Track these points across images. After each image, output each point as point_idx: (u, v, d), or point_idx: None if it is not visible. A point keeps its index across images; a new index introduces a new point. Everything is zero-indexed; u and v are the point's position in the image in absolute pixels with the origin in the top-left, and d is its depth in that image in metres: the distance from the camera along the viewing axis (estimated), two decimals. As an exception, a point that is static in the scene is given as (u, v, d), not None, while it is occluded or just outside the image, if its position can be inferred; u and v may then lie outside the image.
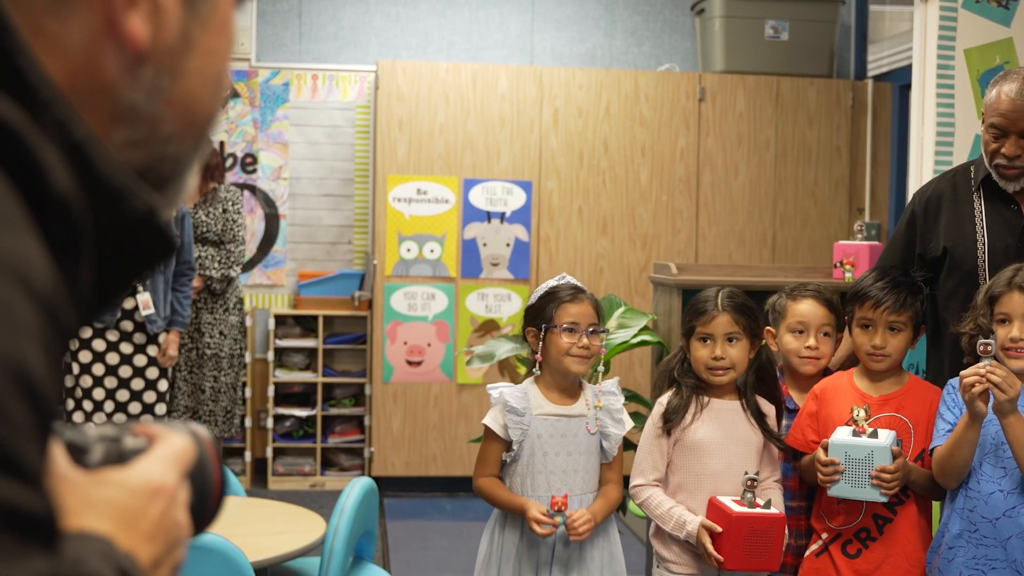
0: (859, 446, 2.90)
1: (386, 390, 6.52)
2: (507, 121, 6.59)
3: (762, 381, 3.16)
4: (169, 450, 0.84)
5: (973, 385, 2.70)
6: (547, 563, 3.03)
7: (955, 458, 2.85)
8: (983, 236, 3.24)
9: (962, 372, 2.76)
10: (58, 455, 0.78)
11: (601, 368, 3.17)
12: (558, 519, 2.96)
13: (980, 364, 2.72)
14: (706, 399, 3.13)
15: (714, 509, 2.98)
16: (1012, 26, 4.38)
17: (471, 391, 6.57)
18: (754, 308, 3.16)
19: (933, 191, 3.41)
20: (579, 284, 3.15)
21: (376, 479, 6.21)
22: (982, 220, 3.26)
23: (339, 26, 7.13)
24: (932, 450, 2.95)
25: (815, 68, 6.88)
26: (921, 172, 4.35)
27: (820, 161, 6.82)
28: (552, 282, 3.18)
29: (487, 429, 3.11)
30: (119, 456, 0.82)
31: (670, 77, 6.75)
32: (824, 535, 3.09)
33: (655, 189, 6.69)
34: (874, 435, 2.92)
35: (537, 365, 3.14)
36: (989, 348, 2.70)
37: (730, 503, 2.95)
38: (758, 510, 2.92)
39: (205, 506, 0.89)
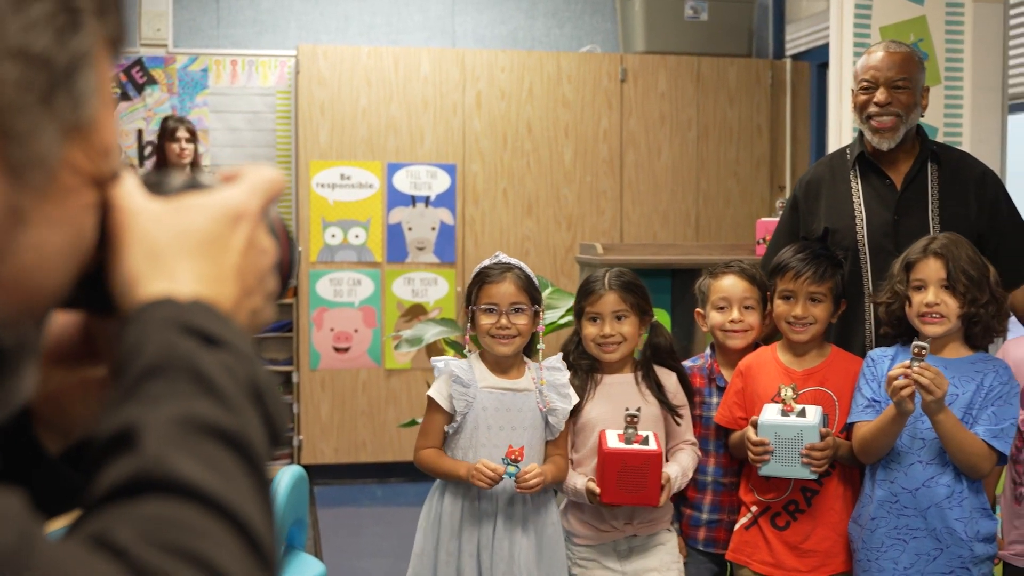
0: (788, 426, 2.93)
1: (314, 377, 6.48)
2: (430, 104, 6.56)
3: (659, 355, 3.20)
4: (252, 178, 0.80)
5: (903, 387, 2.74)
6: (489, 533, 3.02)
7: (877, 443, 2.90)
8: (861, 213, 3.31)
9: (890, 372, 2.80)
10: (133, 190, 0.75)
11: (541, 346, 3.16)
12: (510, 469, 2.95)
13: (909, 363, 2.75)
14: (599, 376, 3.18)
15: (599, 442, 3.03)
16: (926, 5, 4.45)
17: (400, 376, 6.55)
18: (643, 287, 3.21)
19: (812, 175, 3.50)
20: (511, 262, 3.14)
21: (305, 467, 6.15)
22: (859, 198, 3.33)
23: (258, 10, 7.04)
24: (850, 425, 3.00)
25: (734, 48, 6.94)
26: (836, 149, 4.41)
27: (741, 140, 6.89)
28: (485, 262, 3.19)
29: (430, 400, 3.10)
30: (199, 185, 0.79)
31: (592, 58, 6.77)
32: (754, 508, 3.13)
33: (579, 170, 6.70)
34: (802, 413, 2.96)
35: (467, 344, 3.16)
36: (923, 352, 2.73)
37: (612, 437, 2.99)
38: (635, 446, 2.96)
39: (281, 260, 0.84)
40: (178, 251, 0.73)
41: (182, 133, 6.20)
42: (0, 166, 0.65)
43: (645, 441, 2.99)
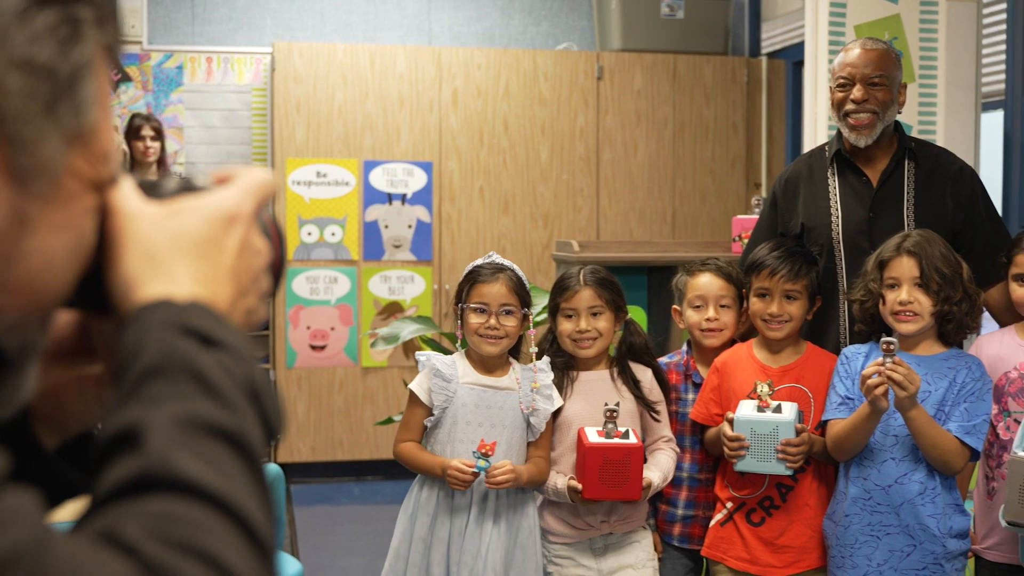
0: (764, 421, 2.95)
1: (290, 375, 6.46)
2: (406, 102, 6.55)
3: (634, 352, 3.21)
4: (244, 180, 0.82)
5: (877, 385, 2.75)
6: (460, 530, 3.02)
7: (851, 441, 2.91)
8: (837, 210, 3.33)
9: (864, 371, 2.81)
10: (131, 193, 0.78)
11: (533, 349, 3.16)
12: (480, 463, 2.95)
13: (881, 361, 2.76)
14: (575, 373, 3.18)
15: (578, 439, 3.04)
16: (900, 3, 4.47)
17: (376, 374, 6.54)
18: (617, 283, 3.22)
19: (791, 172, 3.51)
20: (503, 263, 3.15)
21: (282, 465, 6.14)
22: (836, 195, 3.35)
23: (233, 8, 7.02)
24: (825, 422, 3.01)
25: (710, 46, 6.96)
26: (815, 147, 4.43)
27: (717, 137, 6.90)
28: (478, 261, 3.19)
29: (411, 394, 3.11)
30: (193, 188, 0.81)
31: (568, 56, 6.77)
32: (729, 504, 3.14)
33: (556, 168, 6.71)
34: (778, 409, 2.97)
35: (459, 339, 3.17)
36: (892, 347, 2.75)
37: (592, 433, 3.00)
38: (616, 440, 2.97)
39: (274, 260, 0.86)
40: (175, 253, 0.75)
41: (147, 131, 6.15)
42: (6, 174, 0.67)
43: (625, 435, 3.00)
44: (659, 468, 3.11)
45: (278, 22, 7.07)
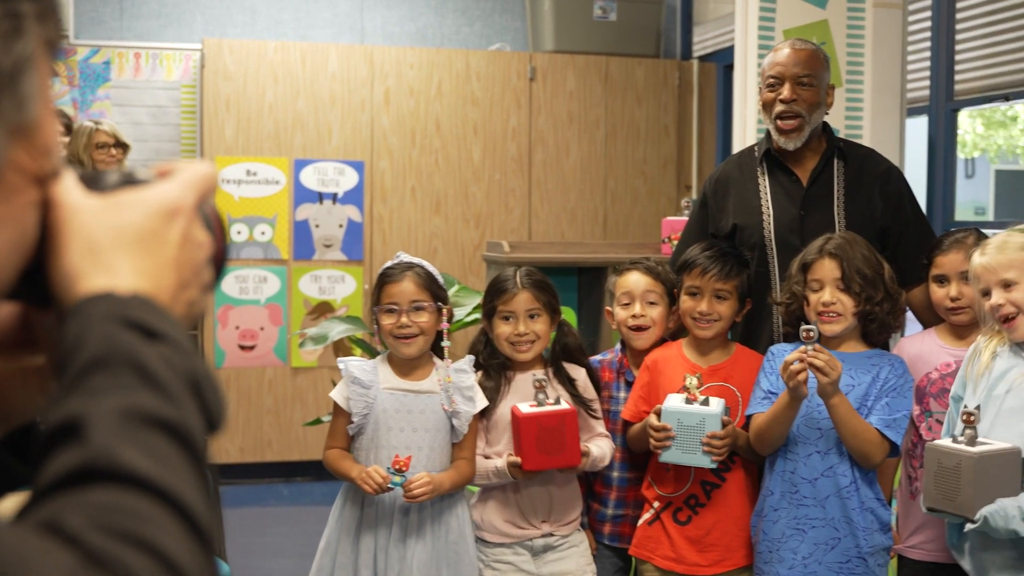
0: (691, 413, 2.96)
1: (218, 375, 6.38)
2: (338, 101, 6.51)
3: (568, 353, 3.22)
4: (187, 173, 0.83)
5: (799, 371, 2.79)
6: (387, 531, 3.01)
7: (772, 431, 2.94)
8: (768, 209, 3.37)
9: (786, 357, 2.85)
10: (72, 187, 0.78)
11: (446, 343, 3.15)
12: (396, 479, 2.94)
13: (802, 348, 2.80)
14: (511, 374, 3.19)
15: (512, 416, 3.05)
16: (828, 8, 4.53)
17: (306, 374, 6.50)
18: (552, 285, 3.24)
19: (721, 173, 3.54)
20: (411, 261, 3.14)
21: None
22: (767, 194, 3.39)
23: (162, 3, 6.93)
24: (750, 416, 3.04)
25: (643, 48, 7.00)
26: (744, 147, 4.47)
27: (649, 139, 6.95)
28: (388, 263, 3.18)
29: (334, 402, 3.09)
30: (135, 181, 0.81)
31: (501, 56, 6.77)
32: (656, 504, 3.16)
33: (488, 168, 6.71)
34: (705, 403, 2.99)
35: (378, 345, 3.16)
36: (811, 334, 2.79)
37: (524, 407, 3.01)
38: (547, 407, 2.98)
39: (216, 252, 0.87)
40: (116, 246, 0.76)
41: (57, 127, 6.01)
42: None
43: (557, 401, 3.01)
44: (596, 446, 3.12)
45: (208, 18, 6.99)
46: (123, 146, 5.76)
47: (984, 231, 3.22)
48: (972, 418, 2.67)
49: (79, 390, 0.68)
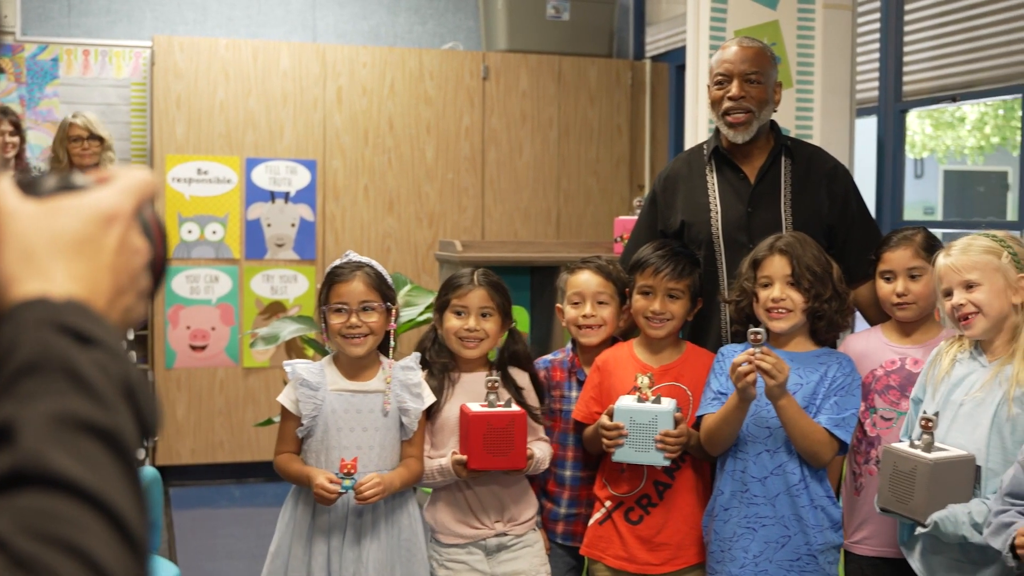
0: (643, 411, 2.97)
1: (169, 376, 6.34)
2: (290, 99, 6.47)
3: (516, 360, 3.23)
4: (125, 179, 0.82)
5: (747, 373, 2.80)
6: (340, 534, 3.00)
7: (722, 432, 2.96)
8: (716, 206, 3.39)
9: (735, 359, 2.87)
10: (8, 191, 0.77)
11: (393, 344, 3.14)
12: (346, 483, 2.93)
13: (751, 350, 2.82)
14: (456, 375, 3.18)
15: (460, 414, 3.05)
16: (778, 9, 4.56)
17: (258, 375, 6.45)
18: (507, 290, 3.24)
19: (670, 171, 3.57)
20: (361, 260, 3.12)
21: (160, 468, 6.03)
22: (715, 192, 3.41)
23: (111, -1, 6.86)
24: (700, 417, 3.06)
25: (596, 48, 7.01)
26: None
27: (601, 139, 6.96)
28: (336, 261, 3.16)
29: (282, 406, 3.07)
30: (73, 186, 0.80)
31: (454, 55, 6.76)
32: (608, 503, 3.16)
33: (441, 167, 6.70)
34: (657, 401, 3.00)
35: (327, 344, 3.14)
36: (759, 336, 2.81)
37: (474, 407, 3.02)
38: (498, 408, 2.99)
39: (155, 258, 0.86)
40: (52, 252, 0.75)
41: (5, 126, 5.92)
42: None
43: (508, 404, 3.01)
44: (539, 448, 3.14)
45: (158, 15, 6.92)
46: (98, 139, 5.72)
47: (932, 230, 3.27)
48: (930, 424, 2.70)
49: (11, 395, 0.68)
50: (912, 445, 2.73)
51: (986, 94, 4.84)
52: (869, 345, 3.20)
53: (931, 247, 3.12)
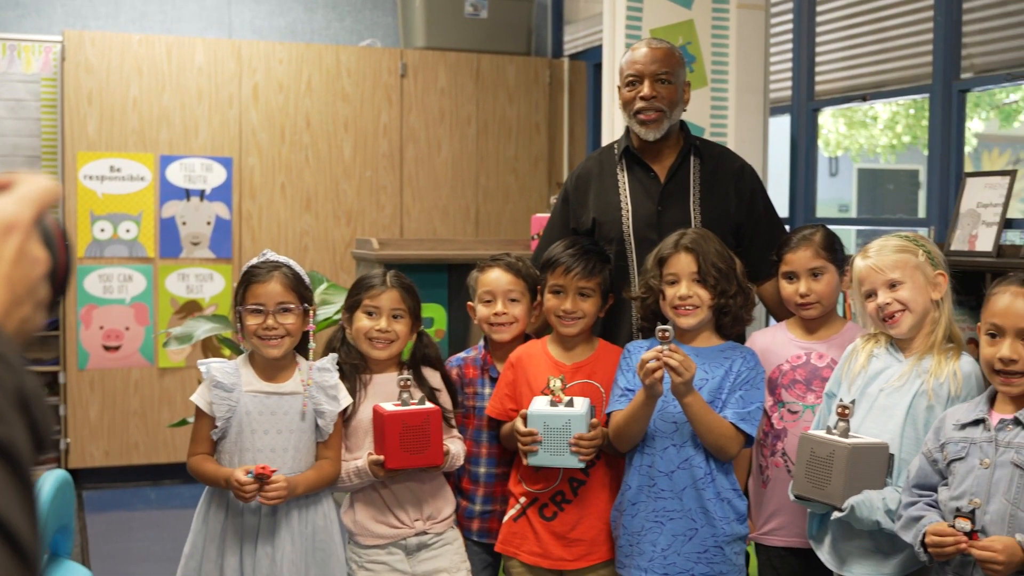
0: (556, 416, 2.98)
1: (82, 377, 6.22)
2: (205, 96, 6.39)
3: (427, 362, 3.23)
4: (23, 189, 0.80)
5: (654, 369, 2.83)
6: (253, 536, 2.97)
7: (630, 429, 2.99)
8: (627, 205, 3.43)
9: (643, 356, 2.89)
10: None
11: (312, 345, 3.11)
12: (256, 484, 2.90)
13: (658, 347, 2.85)
14: (368, 376, 3.17)
15: (374, 414, 3.04)
16: (693, 8, 4.60)
17: (174, 375, 6.37)
18: (417, 293, 3.25)
19: (582, 169, 3.60)
20: (278, 260, 3.09)
21: (74, 471, 5.92)
22: (625, 190, 3.46)
23: (20, -7, 6.71)
24: (609, 414, 3.08)
25: (514, 46, 7.03)
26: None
27: (520, 137, 6.98)
28: (253, 260, 3.12)
29: (196, 406, 3.02)
30: None
31: (372, 53, 6.73)
32: (522, 499, 3.17)
33: (359, 165, 6.66)
34: (570, 404, 3.01)
35: (242, 344, 3.11)
36: (667, 334, 2.83)
37: (388, 406, 3.01)
38: (412, 406, 2.99)
39: (56, 267, 0.84)
40: None
41: None
42: None
43: (421, 401, 3.01)
44: (453, 444, 3.14)
45: (68, 9, 6.80)
46: None
47: (846, 228, 3.32)
48: (846, 411, 2.76)
49: None
50: (829, 432, 2.78)
51: (895, 94, 4.93)
52: (775, 340, 3.25)
53: (831, 245, 3.18)
